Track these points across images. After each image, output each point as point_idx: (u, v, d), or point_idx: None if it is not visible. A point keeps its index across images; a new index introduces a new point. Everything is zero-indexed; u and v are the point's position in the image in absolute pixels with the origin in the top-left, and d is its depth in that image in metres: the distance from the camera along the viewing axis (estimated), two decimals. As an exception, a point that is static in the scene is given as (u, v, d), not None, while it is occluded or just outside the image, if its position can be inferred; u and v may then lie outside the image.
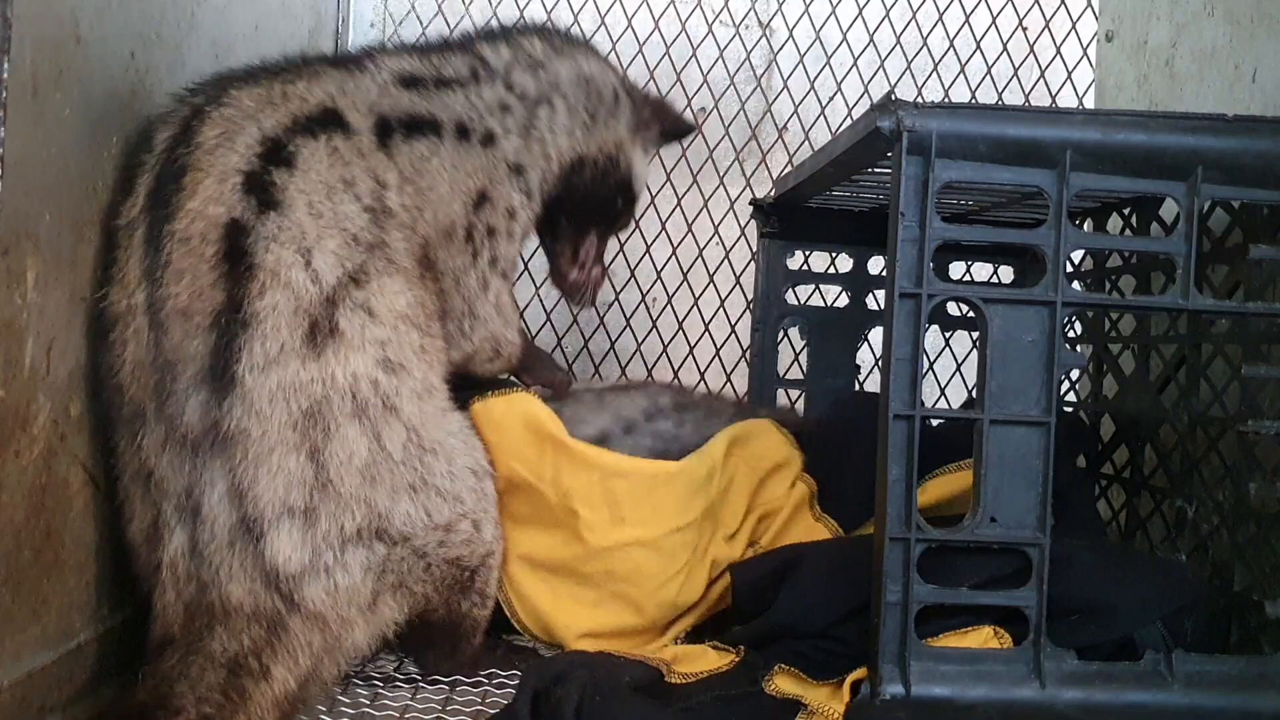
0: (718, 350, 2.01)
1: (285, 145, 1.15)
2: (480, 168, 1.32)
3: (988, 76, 2.04)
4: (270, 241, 1.10)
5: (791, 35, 2.05)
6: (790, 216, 1.74)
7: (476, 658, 1.28)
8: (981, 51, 2.03)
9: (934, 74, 2.04)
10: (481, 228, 1.32)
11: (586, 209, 1.45)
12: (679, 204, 2.02)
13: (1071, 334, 1.61)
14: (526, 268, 1.89)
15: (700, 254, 2.02)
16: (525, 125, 1.36)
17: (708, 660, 1.22)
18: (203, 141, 1.13)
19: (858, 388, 1.79)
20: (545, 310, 2.02)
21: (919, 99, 1.99)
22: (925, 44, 2.04)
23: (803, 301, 1.81)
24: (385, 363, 1.14)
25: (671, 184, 2.02)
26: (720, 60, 2.04)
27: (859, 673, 1.08)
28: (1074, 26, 2.02)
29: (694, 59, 2.04)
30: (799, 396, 1.81)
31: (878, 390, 1.10)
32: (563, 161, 1.40)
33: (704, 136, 2.03)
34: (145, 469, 1.10)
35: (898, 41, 2.04)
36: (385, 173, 1.21)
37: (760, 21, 2.06)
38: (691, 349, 2.02)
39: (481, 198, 1.32)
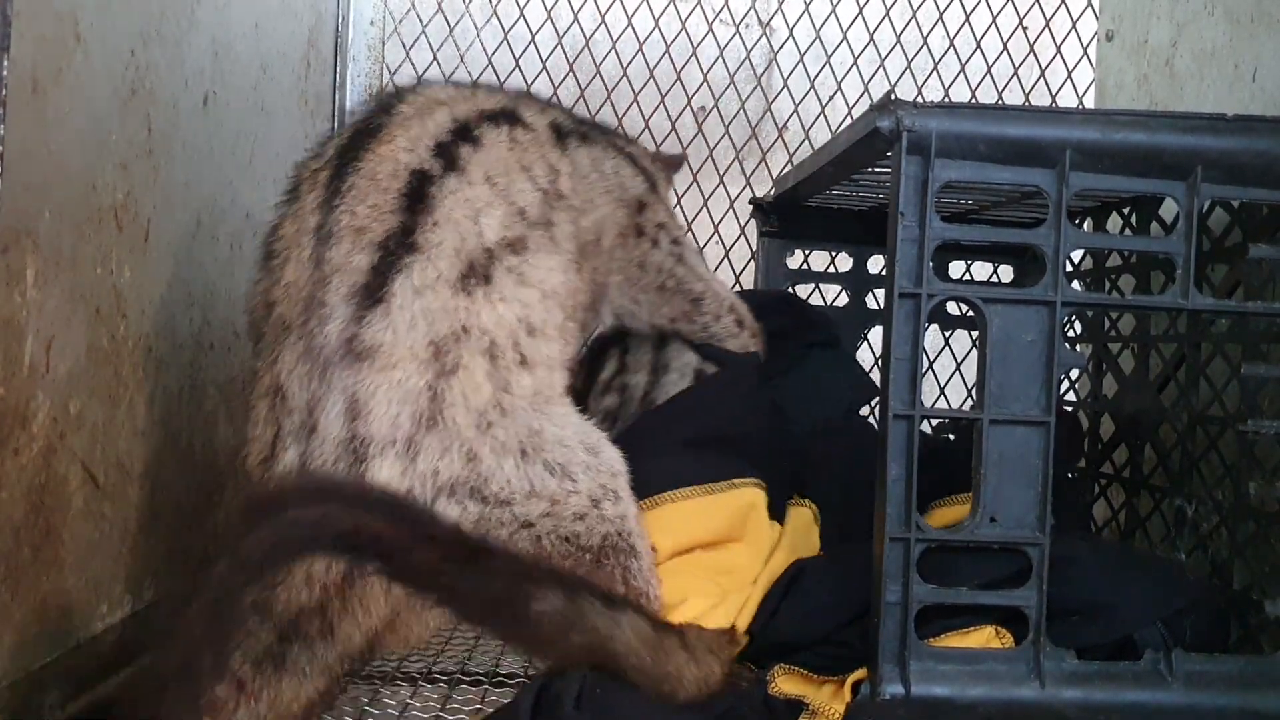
0: (717, 349, 2.01)
1: (472, 129, 1.23)
2: (638, 181, 1.45)
3: (988, 76, 2.04)
4: (449, 194, 1.17)
5: (791, 34, 2.05)
6: (790, 215, 1.74)
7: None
8: (981, 51, 2.03)
9: (934, 73, 2.04)
10: (650, 226, 1.44)
11: None
12: (679, 202, 2.02)
13: (1071, 333, 1.61)
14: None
15: (700, 252, 2.02)
16: None
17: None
18: (400, 112, 1.23)
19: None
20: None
21: (919, 98, 1.99)
22: (925, 43, 2.04)
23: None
24: (528, 323, 1.16)
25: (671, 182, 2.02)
26: (720, 59, 2.04)
27: (860, 673, 1.08)
28: (1074, 26, 2.02)
29: (694, 58, 2.04)
30: (798, 395, 1.80)
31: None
32: None
33: (704, 136, 2.03)
34: (276, 384, 1.12)
35: (898, 41, 2.04)
36: (559, 163, 1.30)
37: (760, 20, 2.06)
38: (691, 348, 2.02)
39: (641, 205, 1.44)
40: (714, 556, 1.27)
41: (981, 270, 1.89)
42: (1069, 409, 1.58)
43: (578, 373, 1.39)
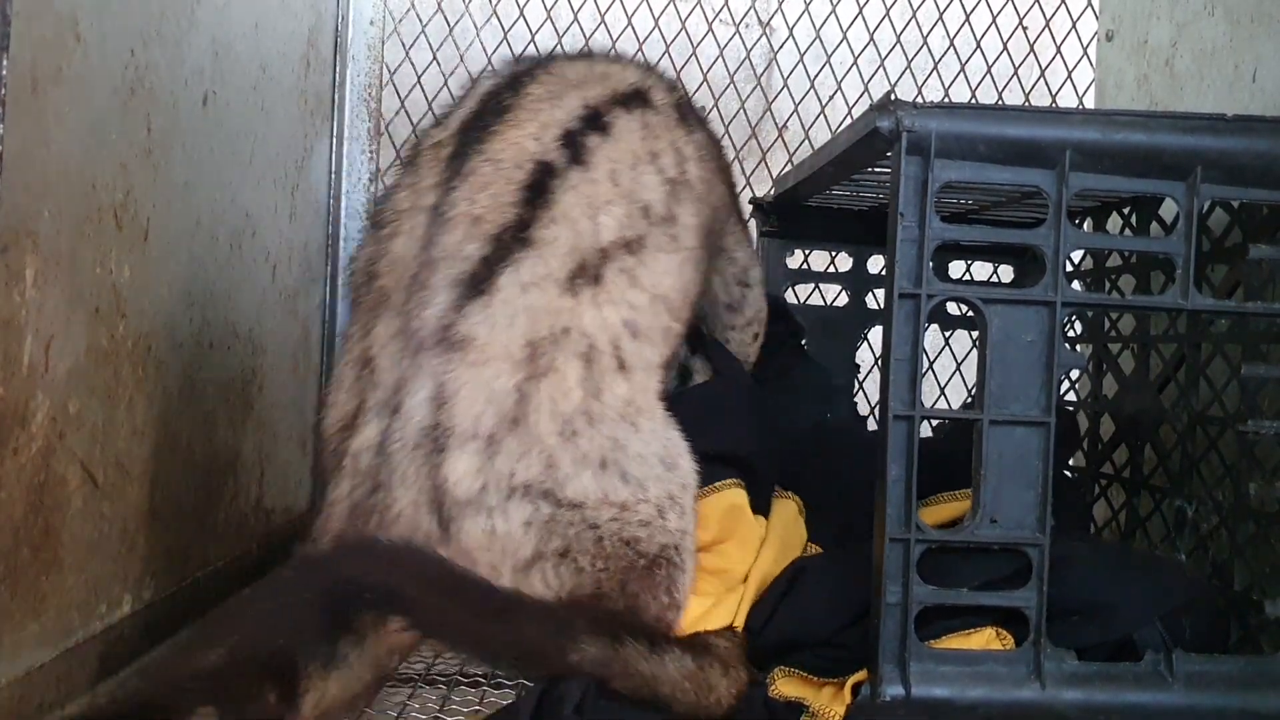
0: (717, 349, 2.01)
1: (603, 115, 1.20)
2: (731, 172, 1.47)
3: (988, 76, 2.03)
4: (570, 190, 1.14)
5: (791, 34, 2.05)
6: (790, 215, 1.74)
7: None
8: (982, 51, 2.03)
9: (934, 73, 2.04)
10: (741, 213, 1.47)
11: None
12: (679, 203, 2.01)
13: (1071, 333, 1.61)
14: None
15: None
16: None
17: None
18: (530, 94, 1.20)
19: (857, 387, 1.79)
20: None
21: (919, 98, 1.99)
22: (925, 43, 2.03)
23: (803, 300, 1.81)
24: (633, 326, 1.14)
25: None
26: (720, 59, 2.04)
27: (860, 674, 1.08)
28: (1074, 26, 2.02)
29: (694, 58, 2.03)
30: (798, 395, 1.81)
31: (875, 391, 1.10)
32: None
33: (704, 135, 2.03)
34: (367, 356, 1.11)
35: (898, 40, 2.04)
36: (685, 146, 1.27)
37: (760, 20, 2.06)
38: (691, 348, 2.02)
39: (735, 194, 1.47)
40: (706, 558, 1.27)
41: (982, 270, 1.89)
42: (1069, 408, 1.58)
43: None
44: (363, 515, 1.07)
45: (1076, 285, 1.57)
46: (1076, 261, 1.60)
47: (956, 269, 1.80)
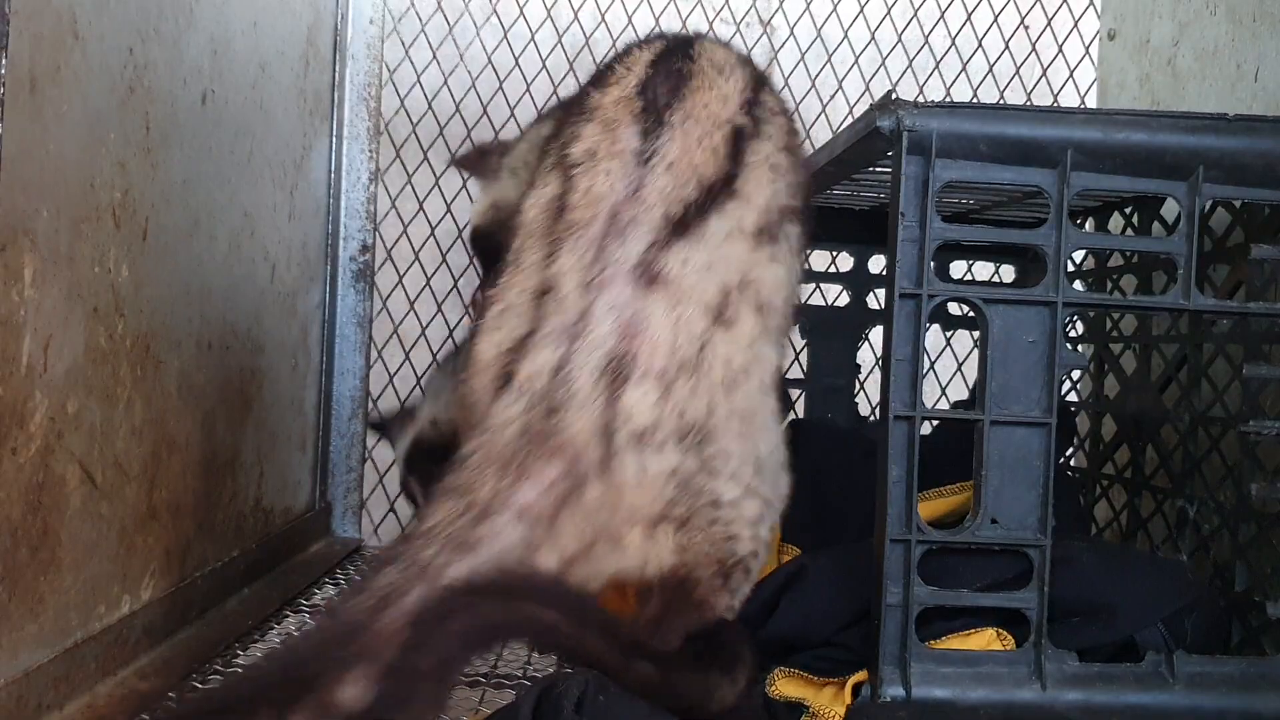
0: (717, 349, 2.00)
1: (760, 93, 1.22)
2: None
3: (989, 75, 2.03)
4: (759, 153, 1.16)
5: (793, 33, 2.04)
6: (791, 215, 1.73)
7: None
8: (983, 49, 2.03)
9: (935, 72, 2.04)
10: None
11: None
12: (679, 202, 2.01)
13: (1073, 333, 1.60)
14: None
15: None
16: None
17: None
18: (705, 63, 1.21)
19: (858, 387, 1.79)
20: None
21: (920, 97, 1.98)
22: (927, 42, 2.03)
23: (803, 300, 1.81)
24: (790, 289, 1.16)
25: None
26: (721, 58, 2.03)
27: (860, 675, 1.08)
28: (1076, 25, 2.02)
29: (694, 57, 2.03)
30: (799, 396, 1.81)
31: (872, 392, 1.09)
32: None
33: (704, 134, 2.02)
34: (547, 285, 1.11)
35: (899, 40, 2.03)
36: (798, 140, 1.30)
37: (761, 19, 2.06)
38: (691, 347, 2.01)
39: None
40: None
41: (983, 270, 1.89)
42: (1071, 409, 1.58)
43: None
44: (533, 438, 1.06)
45: (1078, 285, 1.57)
46: (1078, 261, 1.60)
47: (958, 269, 1.80)
